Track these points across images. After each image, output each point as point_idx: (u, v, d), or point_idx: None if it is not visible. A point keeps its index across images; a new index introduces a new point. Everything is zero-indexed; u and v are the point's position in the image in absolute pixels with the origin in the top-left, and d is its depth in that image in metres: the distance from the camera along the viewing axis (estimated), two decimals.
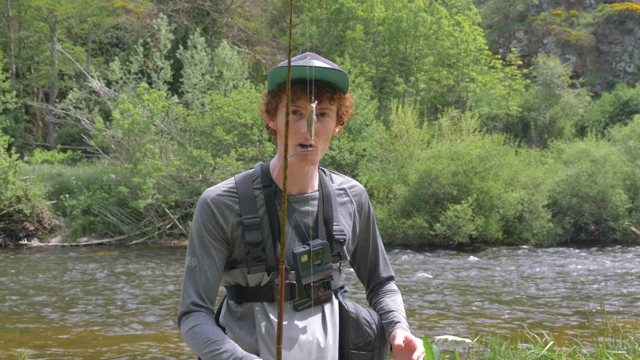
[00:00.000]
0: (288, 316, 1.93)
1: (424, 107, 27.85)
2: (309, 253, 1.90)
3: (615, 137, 23.68)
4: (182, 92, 25.85)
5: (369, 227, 2.17)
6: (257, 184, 1.97)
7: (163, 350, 7.46)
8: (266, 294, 1.93)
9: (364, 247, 2.18)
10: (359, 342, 2.02)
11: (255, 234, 1.90)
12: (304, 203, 1.98)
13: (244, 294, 1.95)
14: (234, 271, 1.96)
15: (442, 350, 6.28)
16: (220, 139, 19.40)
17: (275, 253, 1.92)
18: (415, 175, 18.58)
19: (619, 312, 9.09)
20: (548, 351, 4.85)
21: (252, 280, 1.93)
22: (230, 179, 2.00)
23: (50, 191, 20.54)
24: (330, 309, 2.01)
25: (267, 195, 1.94)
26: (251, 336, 1.92)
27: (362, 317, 2.04)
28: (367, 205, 2.15)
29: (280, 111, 1.91)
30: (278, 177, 1.97)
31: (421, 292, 11.03)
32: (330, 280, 2.00)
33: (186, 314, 1.93)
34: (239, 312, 1.96)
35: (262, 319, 1.91)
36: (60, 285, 12.06)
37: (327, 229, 1.99)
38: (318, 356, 1.92)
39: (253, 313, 1.93)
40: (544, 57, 30.85)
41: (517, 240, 18.62)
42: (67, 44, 31.27)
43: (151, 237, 19.39)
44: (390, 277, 2.26)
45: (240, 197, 1.93)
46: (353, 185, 2.15)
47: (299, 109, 1.87)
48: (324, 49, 31.50)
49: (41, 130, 31.44)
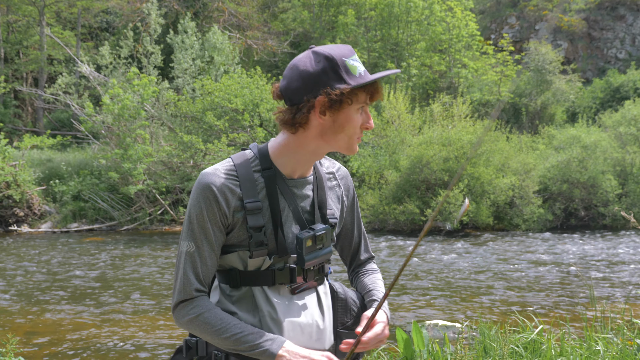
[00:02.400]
0: (286, 300, 1.95)
1: (415, 92, 27.82)
2: (314, 237, 1.93)
3: (606, 123, 23.74)
4: (172, 77, 25.71)
5: (354, 209, 2.20)
6: (256, 166, 1.96)
7: (154, 335, 7.45)
8: (267, 278, 1.94)
9: (349, 229, 2.21)
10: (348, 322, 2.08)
11: (257, 219, 1.89)
12: (302, 187, 1.99)
13: (242, 278, 1.94)
14: (230, 255, 1.94)
15: (432, 335, 6.30)
16: (211, 125, 19.33)
17: (277, 237, 1.92)
18: (407, 161, 18.58)
19: (608, 296, 9.15)
20: (537, 335, 4.87)
21: (252, 265, 1.93)
22: (227, 160, 1.96)
23: (40, 177, 20.44)
24: (323, 291, 2.05)
25: (268, 179, 1.93)
26: (254, 318, 1.92)
27: (350, 298, 2.11)
28: (352, 187, 2.18)
29: (350, 108, 1.92)
30: (282, 161, 1.96)
31: (412, 278, 11.06)
32: (325, 264, 2.04)
33: (188, 300, 1.91)
34: (235, 296, 1.95)
35: (264, 303, 1.92)
36: (50, 271, 12.02)
37: (322, 213, 2.02)
38: (318, 337, 1.97)
39: (252, 297, 1.94)
40: (536, 43, 30.83)
41: (507, 226, 18.69)
42: (56, 28, 31.01)
43: (142, 222, 19.34)
44: (371, 256, 2.30)
45: (241, 180, 1.91)
46: (339, 168, 2.17)
47: (366, 105, 1.98)
48: (316, 34, 31.38)
49: (30, 116, 31.24)
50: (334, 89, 1.86)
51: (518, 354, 4.67)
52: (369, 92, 1.92)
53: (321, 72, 1.86)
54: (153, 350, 6.92)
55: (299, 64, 1.89)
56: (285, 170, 1.96)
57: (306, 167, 1.99)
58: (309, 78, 1.86)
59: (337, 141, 1.93)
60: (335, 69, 1.86)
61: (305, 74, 1.86)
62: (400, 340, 4.77)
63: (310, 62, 1.88)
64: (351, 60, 1.89)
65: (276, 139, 1.98)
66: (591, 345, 4.65)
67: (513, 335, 5.00)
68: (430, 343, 4.82)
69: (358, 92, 1.90)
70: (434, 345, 4.79)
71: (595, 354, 4.54)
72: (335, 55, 1.87)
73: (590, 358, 4.49)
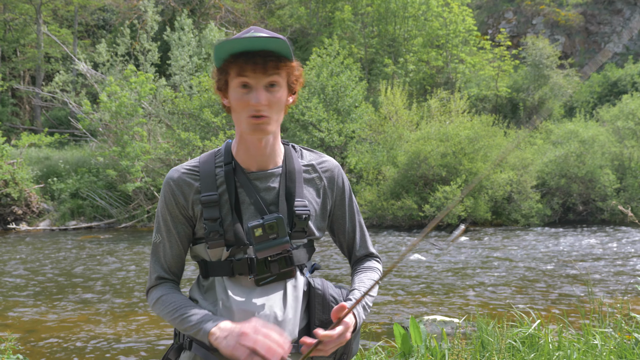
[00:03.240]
0: (248, 290, 1.95)
1: (413, 88, 27.79)
2: (263, 227, 1.92)
3: (603, 118, 23.75)
4: (169, 74, 25.68)
5: (344, 202, 2.16)
6: (220, 161, 2.02)
7: (150, 332, 7.46)
8: (226, 268, 1.97)
9: (341, 223, 2.18)
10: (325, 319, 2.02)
11: (213, 211, 1.95)
12: (265, 180, 2.00)
13: (208, 269, 2.00)
14: (197, 247, 2.02)
15: (429, 330, 6.31)
16: (208, 122, 19.32)
17: (234, 228, 1.95)
18: (405, 157, 18.58)
19: (606, 290, 9.16)
20: (535, 330, 4.88)
21: (213, 255, 1.98)
22: (196, 157, 2.05)
23: (38, 175, 20.42)
24: (293, 284, 2.00)
25: (227, 172, 1.99)
26: (213, 307, 1.96)
27: (329, 294, 2.04)
28: (341, 180, 2.14)
29: (231, 86, 1.90)
30: (238, 153, 2.00)
31: (410, 273, 11.07)
32: (290, 256, 1.99)
33: (152, 287, 2.03)
34: (205, 286, 2.01)
35: (221, 293, 1.96)
36: (49, 269, 12.02)
37: (288, 204, 2.00)
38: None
39: (214, 287, 1.98)
40: (533, 38, 30.82)
41: (505, 221, 18.70)
42: (53, 26, 30.94)
43: (140, 220, 19.33)
44: (369, 254, 2.24)
45: (201, 175, 1.99)
46: (324, 161, 2.14)
47: (246, 81, 1.87)
48: (313, 30, 31.35)
49: (28, 114, 31.19)
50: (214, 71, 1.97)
51: (515, 349, 4.68)
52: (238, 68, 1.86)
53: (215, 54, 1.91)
54: (156, 346, 6.93)
55: None
56: (243, 163, 2.00)
57: (258, 158, 1.98)
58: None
59: (238, 123, 1.94)
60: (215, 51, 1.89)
61: None
62: (398, 335, 4.78)
63: None
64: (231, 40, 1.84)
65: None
66: (589, 339, 4.66)
67: (511, 330, 5.01)
68: (427, 338, 4.83)
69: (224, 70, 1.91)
70: (432, 341, 4.80)
71: (592, 348, 4.55)
72: (222, 39, 1.89)
73: (587, 352, 4.50)
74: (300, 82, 1.99)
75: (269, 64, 1.86)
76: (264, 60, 1.85)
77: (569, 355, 4.38)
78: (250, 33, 1.89)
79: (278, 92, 1.90)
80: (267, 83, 1.87)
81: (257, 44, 1.84)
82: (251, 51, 1.85)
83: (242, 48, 1.85)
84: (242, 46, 1.84)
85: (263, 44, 1.84)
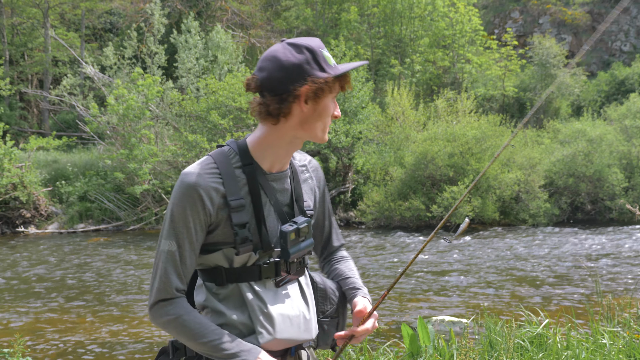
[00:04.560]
0: (273, 293, 1.97)
1: (419, 88, 27.76)
2: (297, 231, 1.95)
3: (611, 117, 23.65)
4: (176, 76, 25.72)
5: (325, 199, 2.24)
6: (236, 162, 1.96)
7: (159, 335, 7.48)
8: (253, 273, 1.95)
9: (321, 219, 2.25)
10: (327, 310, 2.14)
11: (242, 215, 1.91)
12: (280, 181, 2.01)
13: (228, 276, 1.95)
14: (215, 254, 1.94)
15: (438, 330, 6.30)
16: (215, 124, 19.34)
17: (260, 233, 1.94)
18: (412, 157, 18.56)
19: (615, 290, 9.13)
20: (543, 329, 4.87)
21: (238, 261, 1.94)
22: (207, 157, 1.96)
23: (46, 178, 20.50)
24: (305, 282, 2.08)
25: (249, 174, 1.94)
26: (242, 315, 1.93)
27: (329, 287, 2.16)
28: (323, 179, 2.23)
29: (328, 97, 1.96)
30: (262, 155, 1.97)
31: (418, 273, 11.06)
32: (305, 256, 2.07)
33: (167, 300, 1.90)
34: (222, 294, 1.95)
35: (254, 298, 1.93)
36: (57, 271, 12.07)
37: (299, 206, 2.05)
38: (305, 328, 2.01)
39: (239, 293, 1.94)
40: (540, 37, 30.73)
41: (514, 221, 18.65)
42: (61, 30, 31.07)
43: (148, 222, 19.38)
44: (342, 244, 2.36)
45: (224, 177, 1.91)
46: (310, 160, 2.20)
47: (336, 95, 2.00)
48: (319, 32, 31.34)
49: (36, 117, 31.32)
50: (318, 78, 1.90)
51: (524, 348, 4.67)
52: (342, 82, 1.97)
53: (304, 62, 1.89)
54: None
55: (278, 55, 1.91)
56: (264, 164, 1.98)
57: (284, 160, 2.01)
58: (292, 68, 1.89)
59: (315, 129, 1.97)
60: (316, 59, 1.91)
61: (288, 64, 1.89)
62: (406, 335, 4.78)
63: (292, 53, 1.90)
64: (326, 52, 1.95)
65: (254, 134, 1.99)
66: (597, 338, 4.65)
67: (519, 329, 5.00)
68: (435, 338, 4.83)
69: (335, 81, 1.95)
70: (440, 341, 4.80)
71: (601, 348, 4.54)
72: (314, 46, 1.92)
73: (596, 351, 4.48)
74: None
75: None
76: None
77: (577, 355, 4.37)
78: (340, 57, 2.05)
79: None
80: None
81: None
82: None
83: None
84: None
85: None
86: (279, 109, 1.90)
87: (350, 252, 13.65)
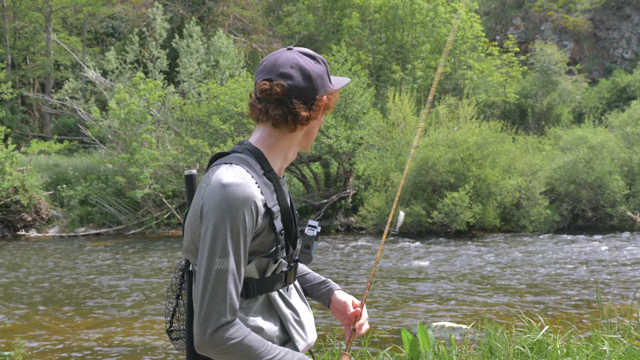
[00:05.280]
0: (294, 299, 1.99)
1: (421, 94, 27.79)
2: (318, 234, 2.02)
3: (612, 124, 23.67)
4: (178, 81, 25.78)
5: None
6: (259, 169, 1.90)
7: (161, 340, 7.48)
8: (280, 280, 1.93)
9: None
10: None
11: (279, 222, 1.87)
12: (285, 186, 2.00)
13: (259, 287, 1.88)
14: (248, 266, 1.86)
15: (438, 336, 6.30)
16: (216, 128, 19.36)
17: (290, 238, 1.94)
18: (413, 163, 18.57)
19: (615, 297, 9.12)
20: (543, 336, 4.86)
21: (270, 270, 1.89)
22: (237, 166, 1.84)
23: (47, 182, 20.52)
24: (298, 286, 2.09)
25: (275, 180, 1.92)
26: (275, 325, 1.90)
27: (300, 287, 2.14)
28: None
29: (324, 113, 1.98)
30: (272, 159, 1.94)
31: (419, 279, 11.05)
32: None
33: (230, 322, 1.76)
34: (251, 307, 1.87)
35: (285, 307, 1.92)
36: (58, 275, 12.07)
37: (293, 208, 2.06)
38: (314, 330, 2.04)
39: (269, 303, 1.90)
40: (541, 44, 30.78)
41: (514, 227, 18.64)
42: (63, 34, 31.14)
43: (149, 226, 19.39)
44: None
45: (260, 185, 1.84)
46: None
47: None
48: (320, 37, 31.41)
49: (38, 121, 31.37)
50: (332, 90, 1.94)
51: (524, 355, 4.67)
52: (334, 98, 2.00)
53: (324, 73, 1.92)
54: (164, 353, 6.95)
55: (301, 64, 1.88)
56: (277, 169, 1.97)
57: (285, 165, 2.03)
58: (316, 78, 1.90)
59: (312, 139, 2.02)
60: (328, 71, 1.95)
61: (313, 74, 1.89)
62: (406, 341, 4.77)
63: (312, 63, 1.91)
64: None
65: (263, 139, 1.94)
66: (597, 345, 4.64)
67: (519, 335, 5.00)
68: (436, 344, 4.82)
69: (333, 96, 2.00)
70: (440, 347, 4.79)
71: (601, 354, 4.53)
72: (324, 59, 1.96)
73: (596, 358, 4.48)
74: None
75: None
76: None
77: None
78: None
79: None
80: None
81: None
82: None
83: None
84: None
85: None
86: (308, 116, 1.89)
87: (351, 257, 13.65)
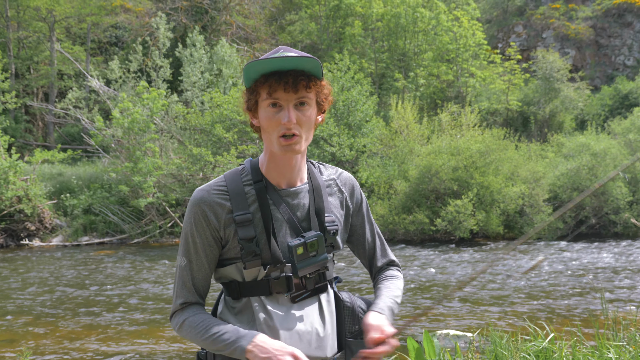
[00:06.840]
0: (285, 308, 1.96)
1: (423, 102, 27.83)
2: (305, 245, 1.93)
3: (615, 131, 23.66)
4: (181, 90, 25.85)
5: (362, 213, 2.18)
6: (247, 179, 1.99)
7: (164, 349, 7.48)
8: (263, 287, 1.96)
9: (360, 234, 2.19)
10: (355, 330, 2.07)
11: (248, 230, 1.92)
12: (295, 196, 2.00)
13: (241, 290, 1.97)
14: (228, 267, 1.99)
15: (443, 344, 6.29)
16: (220, 137, 19.40)
17: (270, 247, 1.94)
18: (416, 171, 18.57)
19: (620, 304, 9.10)
20: (549, 343, 4.86)
21: (248, 276, 1.95)
22: (221, 176, 2.02)
23: (50, 191, 20.55)
24: (326, 299, 2.04)
25: (259, 191, 1.96)
26: (250, 328, 1.94)
27: (357, 306, 2.10)
28: (358, 192, 2.17)
29: (261, 106, 1.92)
30: (268, 171, 1.99)
31: (422, 287, 11.04)
32: (325, 271, 2.03)
33: (177, 311, 2.00)
34: (237, 308, 1.99)
35: (261, 312, 1.94)
36: (61, 284, 12.08)
37: (319, 220, 2.02)
38: (318, 345, 1.97)
39: (251, 307, 1.96)
40: (543, 52, 30.82)
41: (518, 235, 18.61)
42: (66, 43, 31.26)
43: (152, 235, 19.40)
44: (390, 262, 2.26)
45: (231, 194, 1.95)
46: (340, 173, 2.16)
47: (277, 100, 1.89)
48: (323, 46, 31.48)
49: (41, 130, 31.45)
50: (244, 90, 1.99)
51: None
52: (270, 84, 1.88)
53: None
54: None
55: None
56: (273, 180, 1.99)
57: (288, 175, 1.99)
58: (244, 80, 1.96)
59: (269, 142, 1.94)
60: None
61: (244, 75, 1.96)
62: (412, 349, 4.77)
63: None
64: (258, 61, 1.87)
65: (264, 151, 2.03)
66: (603, 352, 4.64)
67: (524, 343, 5.00)
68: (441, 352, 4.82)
69: (257, 89, 1.92)
70: (446, 355, 4.79)
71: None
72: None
73: None
74: (329, 100, 2.00)
75: (300, 83, 1.87)
76: (294, 80, 1.86)
77: None
78: (280, 53, 1.90)
79: (308, 110, 1.92)
80: (297, 102, 1.89)
81: (288, 64, 1.85)
82: (282, 71, 1.86)
83: (273, 68, 1.86)
84: (273, 66, 1.85)
85: (294, 63, 1.85)
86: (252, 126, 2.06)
87: (353, 266, 13.62)
